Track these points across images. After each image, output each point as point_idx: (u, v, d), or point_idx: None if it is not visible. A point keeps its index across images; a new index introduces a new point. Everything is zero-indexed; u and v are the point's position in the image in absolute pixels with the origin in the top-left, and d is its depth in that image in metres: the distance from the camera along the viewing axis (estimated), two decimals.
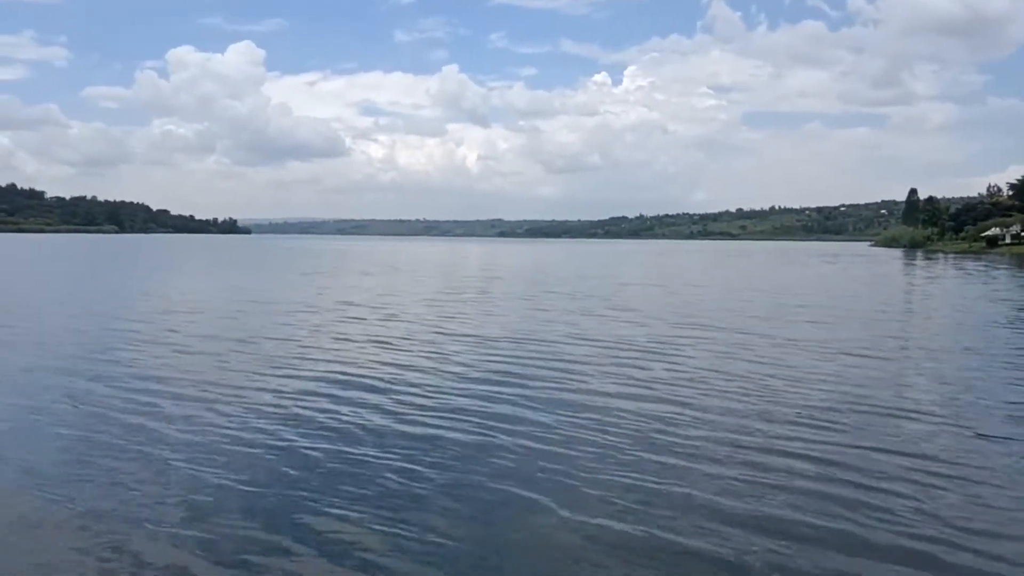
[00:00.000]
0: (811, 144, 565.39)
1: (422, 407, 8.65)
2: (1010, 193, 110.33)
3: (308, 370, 10.70)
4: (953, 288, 30.90)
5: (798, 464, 6.65)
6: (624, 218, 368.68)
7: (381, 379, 10.15)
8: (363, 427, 7.69)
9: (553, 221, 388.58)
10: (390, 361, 11.52)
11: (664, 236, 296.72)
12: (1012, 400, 9.07)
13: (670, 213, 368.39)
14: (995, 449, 7.20)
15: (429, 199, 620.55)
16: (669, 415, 8.27)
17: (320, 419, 7.97)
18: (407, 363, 11.39)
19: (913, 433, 7.66)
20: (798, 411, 8.51)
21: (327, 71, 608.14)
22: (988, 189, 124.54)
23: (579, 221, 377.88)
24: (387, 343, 13.32)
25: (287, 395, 9.14)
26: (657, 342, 13.58)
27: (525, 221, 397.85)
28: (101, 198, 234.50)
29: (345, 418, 8.01)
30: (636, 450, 6.94)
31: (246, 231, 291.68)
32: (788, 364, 11.44)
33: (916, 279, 39.64)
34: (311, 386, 9.67)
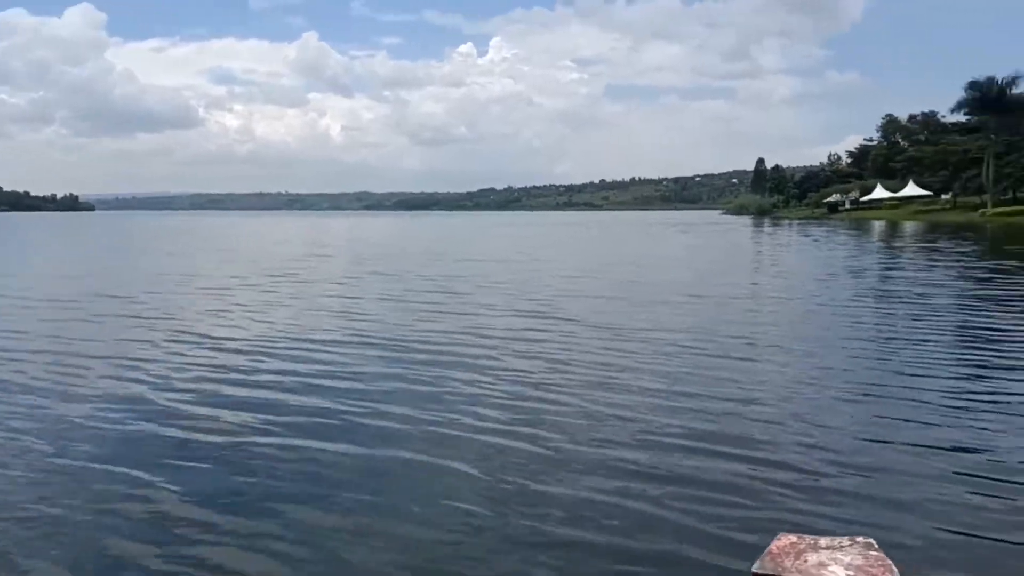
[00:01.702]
0: (668, 116, 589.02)
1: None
2: (848, 161, 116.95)
3: None
4: (802, 257, 30.30)
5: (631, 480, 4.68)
6: (492, 190, 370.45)
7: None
8: None
9: (422, 193, 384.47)
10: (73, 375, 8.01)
11: (532, 208, 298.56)
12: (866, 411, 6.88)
13: (537, 185, 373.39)
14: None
15: (292, 171, 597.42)
16: (445, 447, 5.46)
17: None
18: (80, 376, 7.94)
19: (756, 461, 5.26)
20: (625, 425, 6.09)
21: (175, 37, 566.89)
22: (829, 158, 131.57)
23: (448, 193, 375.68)
24: (90, 357, 9.65)
25: None
26: (459, 340, 10.75)
27: (393, 193, 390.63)
28: None
29: None
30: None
31: (89, 208, 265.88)
32: (618, 361, 8.91)
33: (765, 247, 39.37)
34: None
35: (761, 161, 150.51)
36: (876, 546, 3.07)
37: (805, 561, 2.94)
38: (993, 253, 29.65)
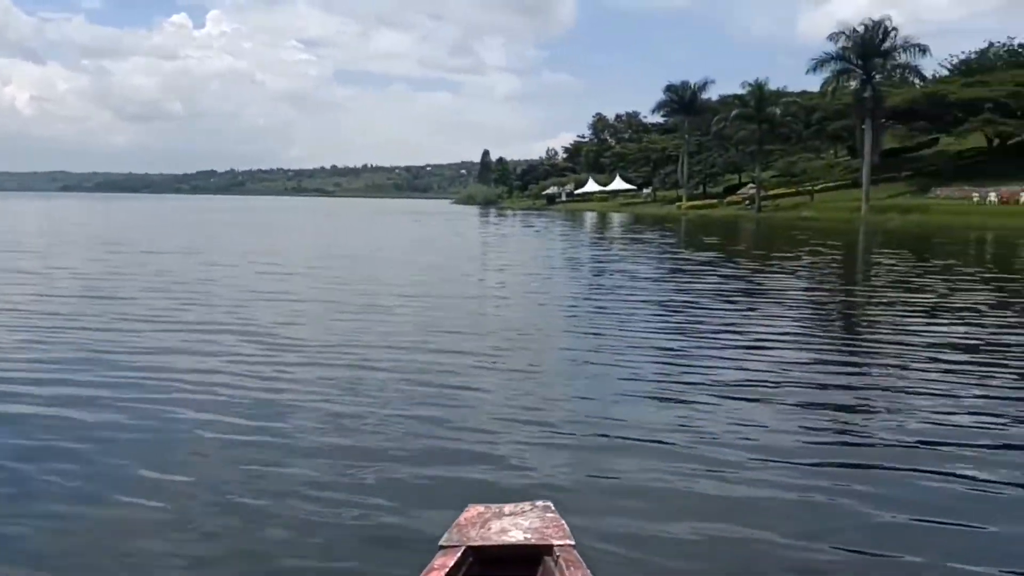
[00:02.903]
0: (399, 105, 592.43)
1: None
2: (564, 156, 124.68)
3: None
4: (525, 249, 30.14)
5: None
6: (213, 172, 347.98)
7: None
8: None
9: (130, 174, 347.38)
10: None
11: (258, 192, 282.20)
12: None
13: (264, 168, 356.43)
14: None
15: None
16: None
17: None
18: None
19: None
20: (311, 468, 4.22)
21: None
22: (547, 152, 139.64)
23: (161, 175, 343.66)
24: None
25: None
26: (73, 365, 7.64)
27: (96, 174, 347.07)
28: None
29: None
30: None
31: None
32: (305, 388, 6.53)
33: (491, 238, 39.13)
34: None
35: (486, 153, 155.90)
36: (553, 508, 3.30)
37: (489, 528, 3.08)
38: (692, 245, 31.77)
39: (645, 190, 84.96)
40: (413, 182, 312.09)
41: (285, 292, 14.64)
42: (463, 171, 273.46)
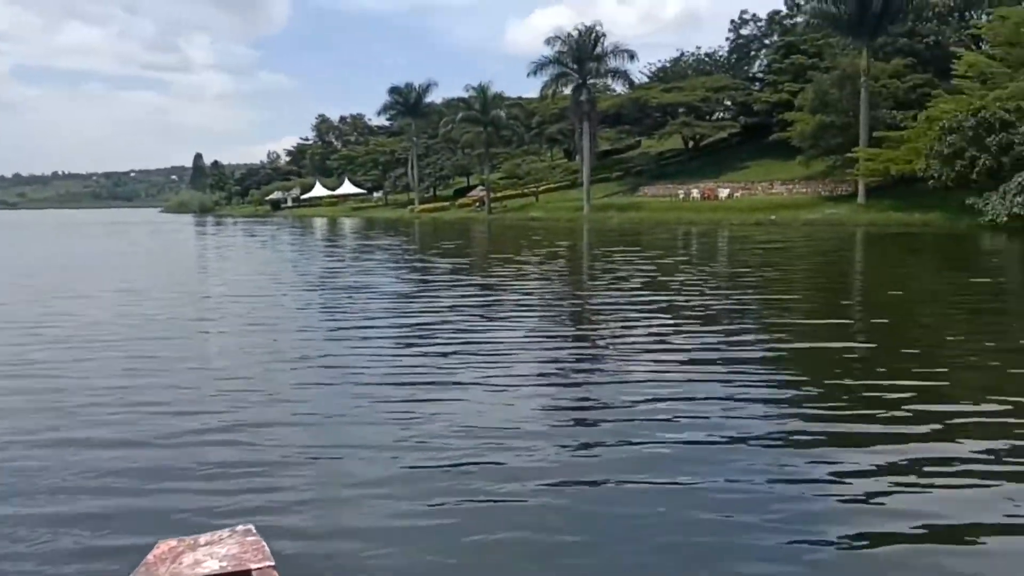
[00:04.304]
0: (94, 106, 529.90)
1: None
2: (288, 159, 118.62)
3: None
4: (253, 266, 26.80)
5: None
6: None
7: None
8: None
9: None
10: None
11: None
12: None
13: None
14: None
15: None
16: None
17: None
18: None
19: None
20: None
21: None
22: (269, 155, 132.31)
23: None
24: None
25: None
26: None
27: None
28: None
29: None
30: None
31: None
32: None
33: (210, 252, 34.72)
34: None
35: (199, 157, 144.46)
36: (254, 531, 3.18)
37: (180, 563, 2.90)
38: (430, 250, 30.52)
39: (376, 194, 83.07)
40: (115, 190, 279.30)
41: None
42: (174, 177, 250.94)
